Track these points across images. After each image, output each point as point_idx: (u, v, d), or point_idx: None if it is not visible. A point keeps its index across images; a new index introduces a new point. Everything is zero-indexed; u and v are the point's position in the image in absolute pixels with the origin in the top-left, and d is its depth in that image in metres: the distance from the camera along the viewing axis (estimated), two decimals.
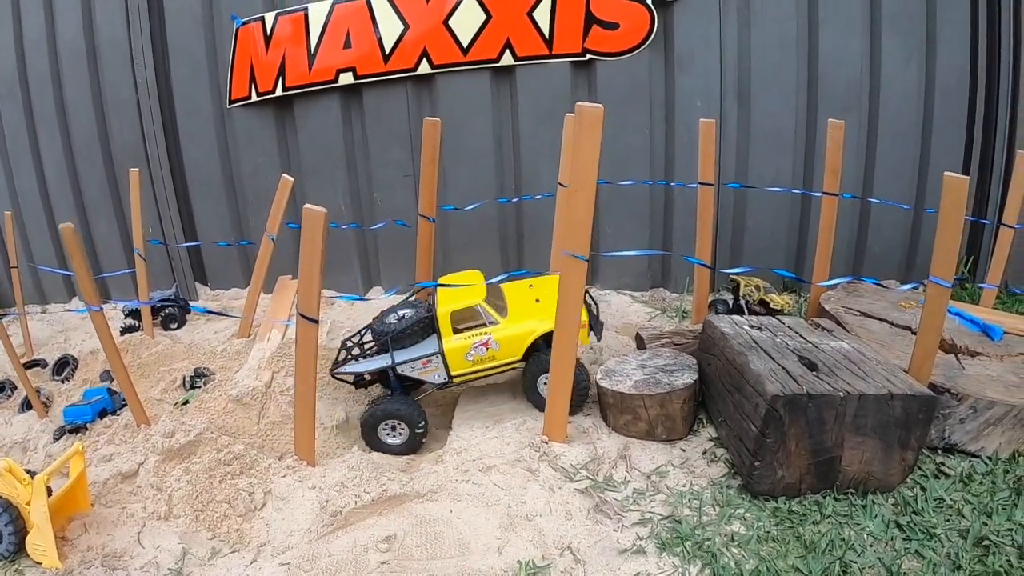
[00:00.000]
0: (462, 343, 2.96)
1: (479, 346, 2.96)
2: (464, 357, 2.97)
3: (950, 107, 4.31)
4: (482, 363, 2.98)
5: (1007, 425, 2.72)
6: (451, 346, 2.96)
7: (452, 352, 2.96)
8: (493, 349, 2.95)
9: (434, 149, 3.34)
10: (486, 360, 2.97)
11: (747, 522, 2.41)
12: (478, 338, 2.96)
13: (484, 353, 2.96)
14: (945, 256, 2.59)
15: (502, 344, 2.96)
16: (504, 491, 2.62)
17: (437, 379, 3.02)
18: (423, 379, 3.04)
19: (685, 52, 3.98)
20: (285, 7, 4.05)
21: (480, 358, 2.97)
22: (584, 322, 2.91)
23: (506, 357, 2.98)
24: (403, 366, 3.01)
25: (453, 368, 2.99)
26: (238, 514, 2.72)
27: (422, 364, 2.99)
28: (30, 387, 3.40)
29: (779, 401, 2.37)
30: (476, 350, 2.96)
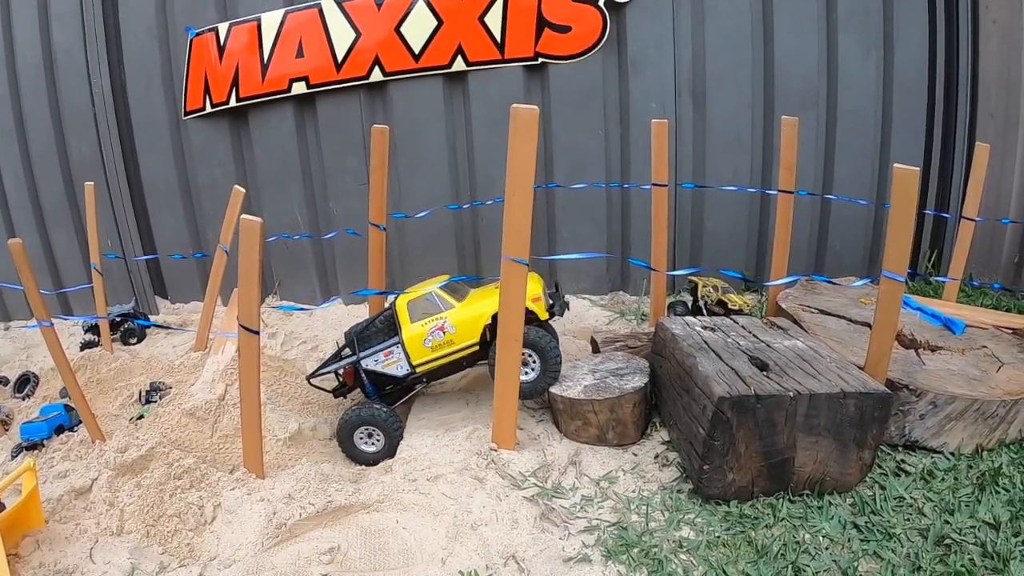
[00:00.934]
0: (419, 330, 2.98)
1: (435, 331, 2.97)
2: (423, 344, 2.97)
3: (909, 102, 4.32)
4: (441, 348, 2.98)
5: (969, 420, 2.70)
6: (409, 334, 2.98)
7: (411, 340, 2.98)
8: (450, 333, 2.95)
9: (382, 156, 3.32)
10: (444, 345, 2.97)
11: (697, 527, 2.36)
12: (434, 323, 2.97)
13: (441, 338, 2.97)
14: (897, 250, 2.57)
15: (458, 327, 2.96)
16: (451, 500, 2.59)
17: (400, 371, 3.03)
18: (386, 372, 3.05)
19: (638, 53, 3.98)
20: (238, 17, 4.03)
21: (438, 343, 2.97)
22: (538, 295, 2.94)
23: (464, 340, 2.97)
24: (367, 359, 3.04)
25: (413, 356, 2.99)
26: (188, 528, 2.69)
27: (384, 356, 3.02)
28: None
29: (726, 403, 2.33)
30: (433, 335, 2.96)
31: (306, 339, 3.78)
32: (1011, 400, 2.69)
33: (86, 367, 3.88)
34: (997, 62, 4.40)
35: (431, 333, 2.97)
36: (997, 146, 4.36)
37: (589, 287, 4.29)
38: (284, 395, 3.41)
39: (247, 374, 2.76)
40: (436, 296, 3.02)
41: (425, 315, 3.00)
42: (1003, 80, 4.39)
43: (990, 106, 4.44)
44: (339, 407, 3.41)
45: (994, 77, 4.42)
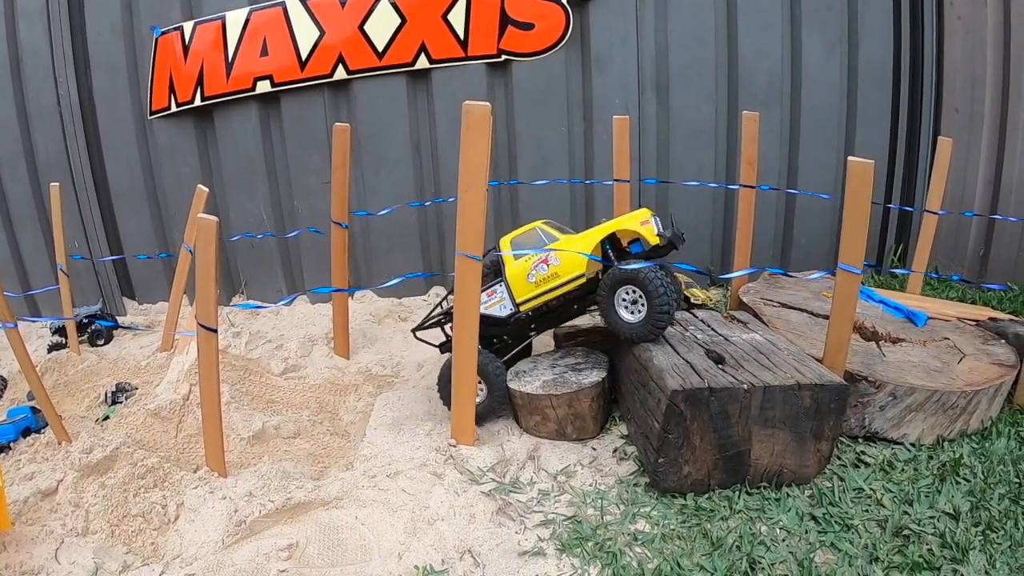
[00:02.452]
0: (522, 265, 2.84)
1: (539, 264, 2.81)
2: (526, 279, 2.83)
3: (874, 97, 4.36)
4: (546, 283, 2.81)
5: (929, 411, 2.71)
6: (512, 270, 2.85)
7: (513, 276, 2.84)
8: (554, 265, 2.77)
9: (344, 155, 3.32)
10: (549, 279, 2.80)
11: (652, 520, 2.37)
12: (538, 257, 2.82)
13: (546, 271, 2.81)
14: (853, 242, 2.59)
15: (562, 259, 2.78)
16: (410, 496, 2.60)
17: (503, 311, 2.88)
18: (489, 313, 2.88)
19: (602, 50, 4.00)
20: (203, 16, 4.01)
21: (542, 277, 2.81)
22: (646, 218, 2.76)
23: (569, 272, 2.79)
24: None
25: (517, 294, 2.85)
26: (153, 527, 2.69)
27: (487, 296, 2.87)
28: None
29: (679, 396, 2.34)
30: (537, 269, 2.81)
31: (271, 338, 3.78)
32: (972, 391, 2.71)
33: (54, 369, 3.87)
34: (962, 57, 4.45)
35: (534, 267, 2.81)
36: (962, 140, 4.42)
37: None
38: (248, 394, 3.41)
39: (206, 373, 2.76)
40: (541, 231, 2.88)
41: (528, 252, 2.87)
42: (968, 75, 4.44)
43: (955, 101, 4.49)
44: (303, 406, 3.41)
45: (959, 72, 4.47)
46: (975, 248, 4.49)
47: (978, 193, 4.43)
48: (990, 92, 4.32)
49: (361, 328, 3.88)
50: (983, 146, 4.38)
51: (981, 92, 4.36)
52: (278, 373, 3.57)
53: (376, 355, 3.71)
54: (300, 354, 3.67)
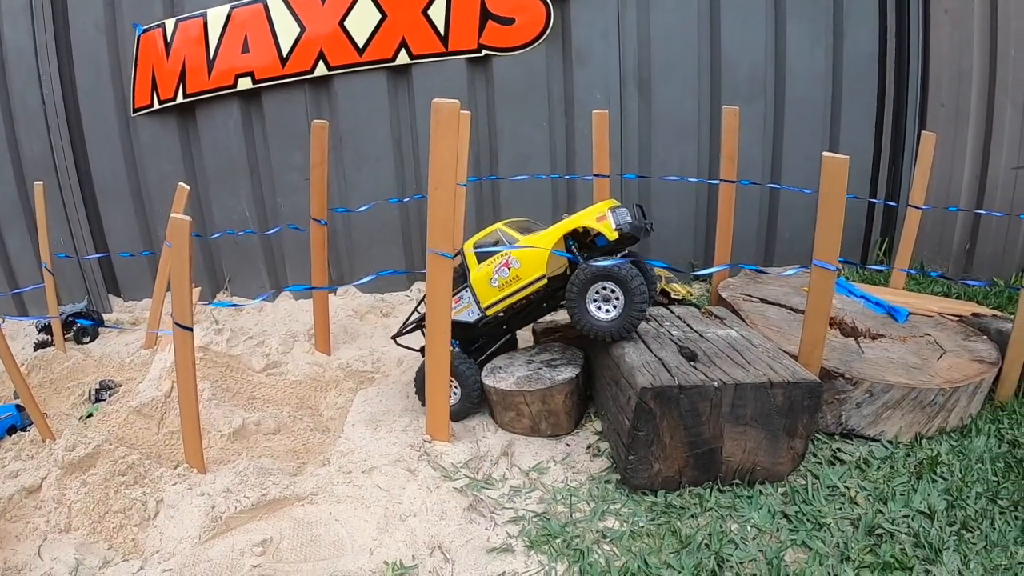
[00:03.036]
0: (485, 270, 2.86)
1: (501, 267, 2.83)
2: (489, 283, 2.85)
3: (859, 91, 4.34)
4: (508, 286, 2.83)
5: (906, 408, 2.70)
6: (476, 275, 2.87)
7: (478, 281, 2.87)
8: (515, 268, 2.80)
9: (323, 151, 3.32)
10: (511, 282, 2.82)
11: (622, 517, 2.37)
12: (499, 260, 2.84)
13: (507, 274, 2.83)
14: (828, 238, 2.58)
15: (523, 260, 2.79)
16: (384, 492, 2.62)
17: (471, 316, 2.91)
18: (459, 319, 2.91)
19: (583, 44, 3.99)
20: (184, 13, 4.01)
21: (504, 280, 2.83)
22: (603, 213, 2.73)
23: (530, 274, 2.80)
24: None
25: (482, 299, 2.87)
26: (133, 523, 2.71)
27: (455, 302, 2.89)
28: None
29: (648, 393, 2.33)
30: (499, 272, 2.83)
31: (253, 334, 3.79)
32: (950, 388, 2.70)
33: (40, 367, 3.90)
34: (948, 51, 4.43)
35: (496, 271, 2.84)
36: (948, 135, 4.40)
37: None
38: (229, 391, 3.42)
39: (183, 371, 2.78)
40: (501, 233, 2.89)
41: (490, 255, 2.89)
42: (954, 69, 4.41)
43: (941, 95, 4.47)
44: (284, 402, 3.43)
45: (945, 67, 4.44)
46: (961, 243, 4.47)
47: (964, 188, 4.41)
48: (976, 86, 4.30)
49: (343, 324, 3.89)
50: (969, 140, 4.37)
51: (967, 86, 4.34)
52: (259, 369, 3.58)
53: (357, 351, 3.72)
54: (281, 350, 3.68)
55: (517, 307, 2.91)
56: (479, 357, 3.03)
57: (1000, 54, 4.21)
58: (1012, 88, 4.19)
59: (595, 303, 2.70)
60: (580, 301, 2.68)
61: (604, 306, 2.70)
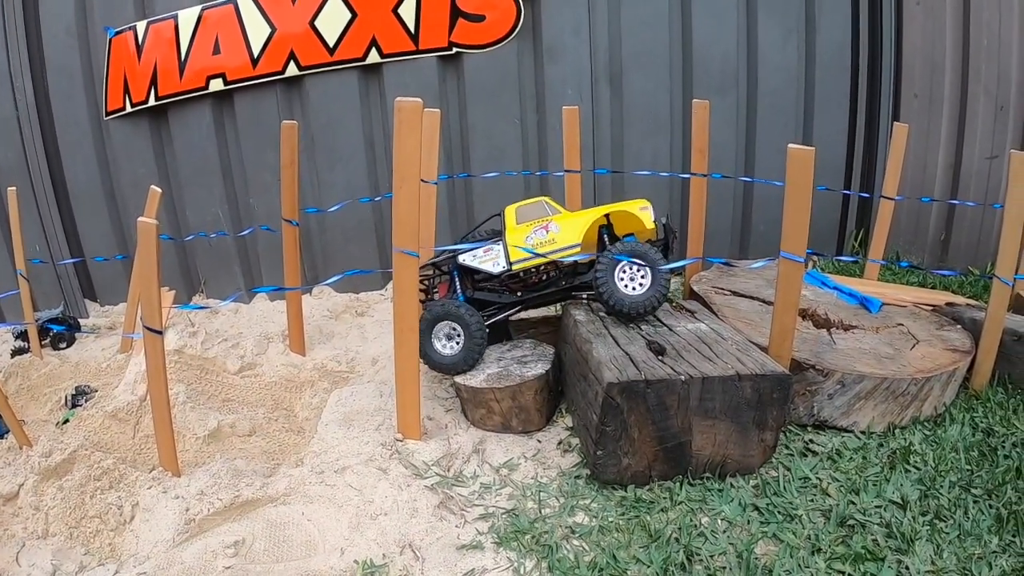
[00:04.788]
0: (523, 229, 2.97)
1: (539, 230, 2.95)
2: (524, 240, 2.95)
3: (832, 83, 4.35)
4: (542, 247, 2.93)
5: (879, 398, 2.70)
6: (512, 231, 2.98)
7: (512, 236, 2.97)
8: (553, 231, 2.92)
9: (292, 152, 3.32)
10: (545, 244, 2.93)
11: (592, 512, 2.37)
12: (539, 223, 2.96)
13: (544, 236, 2.94)
14: (795, 231, 2.59)
15: (562, 227, 2.93)
16: (356, 491, 2.63)
17: (496, 267, 2.98)
18: (481, 268, 3.00)
19: (554, 39, 3.99)
20: (156, 15, 3.99)
21: (539, 241, 2.94)
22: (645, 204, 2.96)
23: (565, 241, 2.93)
24: (465, 255, 3.01)
25: (513, 254, 2.95)
26: (110, 528, 2.72)
27: (483, 252, 2.99)
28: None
29: (615, 388, 2.33)
30: (536, 233, 2.94)
31: (228, 336, 3.78)
32: (923, 377, 2.71)
33: (17, 374, 3.89)
34: (921, 41, 4.45)
35: (534, 231, 2.95)
36: (922, 125, 4.42)
37: None
38: (204, 393, 3.42)
39: (154, 375, 2.78)
40: (546, 205, 3.01)
41: (532, 218, 3.00)
42: (927, 59, 4.43)
43: (914, 86, 4.48)
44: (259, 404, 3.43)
45: (918, 57, 4.47)
46: (936, 233, 4.50)
47: (938, 177, 4.43)
48: (949, 77, 4.32)
49: (318, 324, 3.89)
50: (943, 130, 4.39)
51: (940, 77, 4.36)
52: (234, 371, 3.58)
53: (332, 351, 3.72)
54: (256, 352, 3.68)
55: (536, 279, 3.05)
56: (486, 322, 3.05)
57: (973, 44, 4.23)
58: (985, 78, 4.21)
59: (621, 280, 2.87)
60: (610, 278, 2.85)
61: (631, 284, 2.87)
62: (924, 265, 4.45)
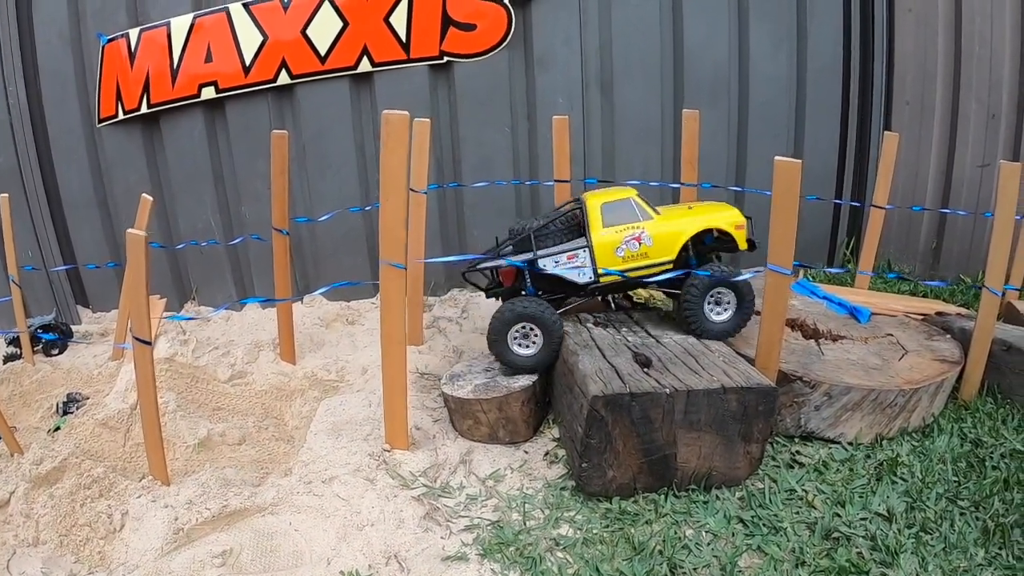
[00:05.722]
0: (612, 236, 2.78)
1: (631, 240, 2.77)
2: (614, 252, 2.78)
3: (823, 91, 4.36)
4: (633, 260, 2.78)
5: (866, 410, 2.70)
6: (600, 239, 2.78)
7: (601, 245, 2.78)
8: (646, 244, 2.76)
9: (283, 162, 3.33)
10: (638, 257, 2.78)
11: (576, 524, 2.38)
12: (630, 231, 2.77)
13: (636, 248, 2.78)
14: (782, 243, 2.58)
15: (656, 240, 2.77)
16: (343, 501, 2.64)
17: (582, 277, 2.81)
18: (565, 276, 2.82)
19: (545, 48, 4.00)
20: (149, 22, 4.00)
21: (631, 254, 2.78)
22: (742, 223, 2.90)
23: (659, 256, 2.79)
24: (545, 260, 2.82)
25: (601, 263, 2.78)
26: (100, 536, 2.73)
27: (567, 258, 2.81)
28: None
29: (599, 401, 2.34)
30: (628, 244, 2.77)
31: (219, 344, 3.80)
32: (911, 389, 2.70)
33: (9, 380, 3.90)
34: (913, 49, 4.46)
35: (625, 242, 2.77)
36: (913, 133, 4.44)
37: None
38: (195, 402, 3.44)
39: (144, 384, 2.79)
40: (635, 203, 2.80)
41: (620, 221, 2.79)
42: (919, 67, 4.44)
43: (906, 93, 4.49)
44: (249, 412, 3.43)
45: (910, 64, 4.48)
46: (927, 241, 4.51)
47: (929, 186, 4.44)
48: (941, 85, 4.34)
49: (309, 333, 3.90)
50: (934, 139, 4.40)
51: (932, 85, 4.37)
52: (225, 380, 3.59)
53: (322, 360, 3.73)
54: (247, 360, 3.69)
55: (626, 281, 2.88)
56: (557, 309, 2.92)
57: (964, 52, 4.24)
58: (977, 86, 4.22)
59: (712, 309, 2.85)
60: (699, 305, 2.81)
61: (716, 308, 2.85)
62: (915, 273, 4.47)
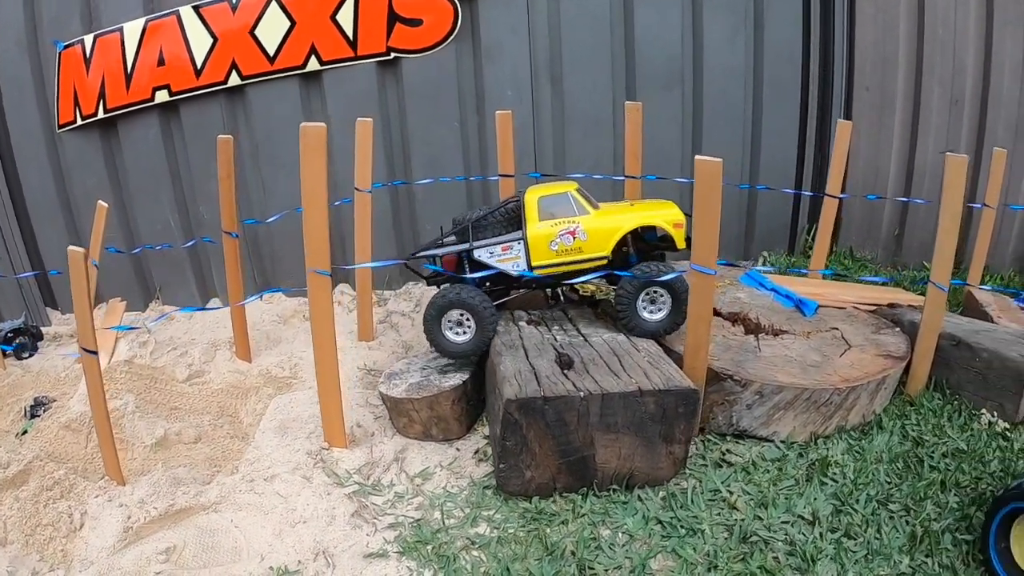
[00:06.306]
0: (547, 230, 2.79)
1: (565, 234, 2.78)
2: (548, 246, 2.80)
3: (781, 79, 4.30)
4: (567, 255, 2.80)
5: (799, 408, 2.67)
6: (535, 232, 2.80)
7: (536, 238, 2.80)
8: (580, 239, 2.75)
9: (228, 166, 3.38)
10: (572, 251, 2.79)
11: (494, 523, 2.40)
12: (565, 226, 2.78)
13: (570, 243, 2.78)
14: (705, 243, 2.54)
15: (590, 235, 2.77)
16: (282, 499, 2.73)
17: (515, 269, 2.84)
18: (500, 267, 2.86)
19: (493, 41, 3.99)
20: (102, 28, 4.03)
21: (565, 248, 2.79)
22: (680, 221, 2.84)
23: (594, 251, 2.79)
24: (480, 251, 2.85)
25: (535, 257, 2.80)
26: (62, 535, 2.83)
27: (501, 250, 2.84)
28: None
29: (513, 405, 2.36)
30: (562, 238, 2.78)
31: (178, 344, 3.87)
32: (847, 388, 2.65)
33: None
34: (873, 35, 4.38)
35: (560, 235, 2.78)
36: (874, 120, 4.38)
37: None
38: (153, 402, 3.52)
39: (93, 392, 2.86)
40: (572, 198, 2.81)
41: (556, 215, 2.81)
42: (880, 52, 4.36)
43: (866, 79, 4.41)
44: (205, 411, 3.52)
45: (870, 50, 4.40)
46: (890, 228, 4.47)
47: (891, 173, 4.40)
48: (903, 70, 4.26)
49: (266, 330, 3.97)
50: (896, 125, 4.34)
51: (893, 70, 4.30)
52: (183, 379, 3.67)
53: (277, 357, 3.80)
54: (204, 359, 3.77)
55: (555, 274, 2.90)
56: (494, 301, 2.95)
57: (927, 36, 4.16)
58: (940, 70, 4.14)
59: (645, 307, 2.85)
60: (633, 305, 2.82)
61: (651, 308, 2.85)
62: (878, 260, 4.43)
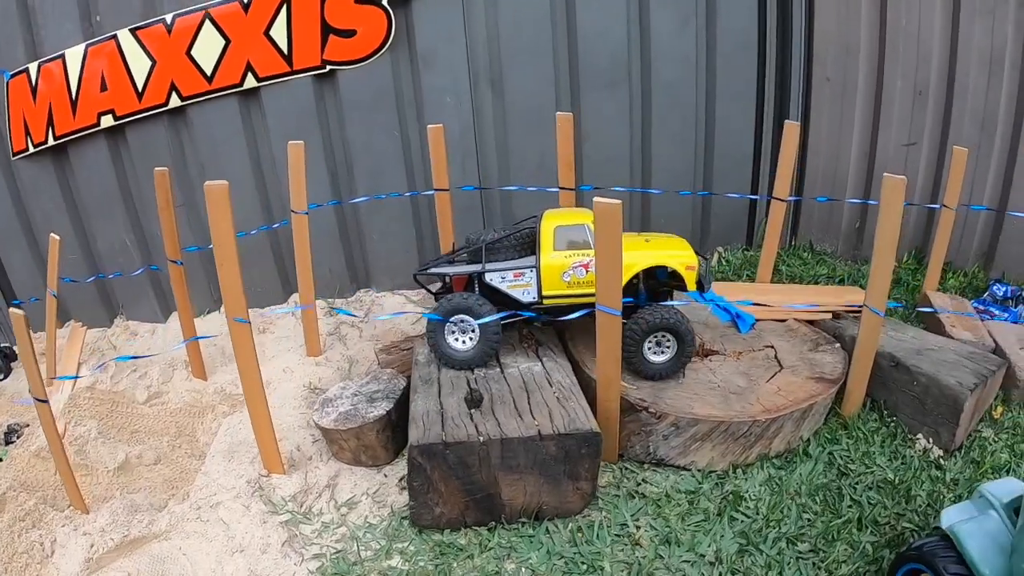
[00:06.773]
0: (561, 261, 2.81)
1: (578, 267, 2.79)
2: (560, 276, 2.80)
3: (736, 71, 4.16)
4: (578, 287, 2.79)
5: (716, 440, 2.65)
6: (548, 261, 2.81)
7: (548, 268, 2.81)
8: (593, 273, 2.70)
9: (167, 197, 3.43)
10: (583, 284, 2.78)
11: (407, 556, 2.48)
12: (579, 258, 2.79)
13: (583, 276, 2.79)
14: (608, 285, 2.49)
15: None
16: (224, 526, 2.86)
17: (526, 296, 2.85)
18: (510, 293, 2.87)
19: (428, 48, 3.92)
20: (45, 56, 4.04)
21: (577, 281, 2.79)
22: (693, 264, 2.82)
23: None
24: (492, 274, 2.87)
25: (546, 286, 2.81)
26: (36, 563, 2.99)
27: (513, 276, 2.85)
28: None
29: (416, 450, 2.42)
30: (575, 270, 2.79)
31: (136, 366, 3.97)
32: (766, 420, 2.62)
33: None
34: (835, 24, 4.16)
35: (573, 268, 2.79)
36: (835, 111, 4.23)
37: (405, 283, 4.34)
38: (115, 427, 3.63)
39: (50, 438, 2.97)
40: (589, 230, 2.78)
41: (571, 247, 2.82)
42: (840, 42, 4.15)
43: (826, 69, 4.21)
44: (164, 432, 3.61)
45: (831, 40, 4.20)
46: (850, 221, 4.34)
47: (852, 165, 4.27)
48: (864, 60, 4.08)
49: (221, 346, 4.03)
50: (857, 117, 4.17)
51: (854, 60, 4.11)
52: (143, 401, 3.78)
53: (232, 374, 3.86)
54: (162, 380, 3.87)
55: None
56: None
57: (890, 24, 3.95)
58: (903, 61, 3.94)
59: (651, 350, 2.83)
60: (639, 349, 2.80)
61: (656, 350, 2.84)
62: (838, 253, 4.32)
